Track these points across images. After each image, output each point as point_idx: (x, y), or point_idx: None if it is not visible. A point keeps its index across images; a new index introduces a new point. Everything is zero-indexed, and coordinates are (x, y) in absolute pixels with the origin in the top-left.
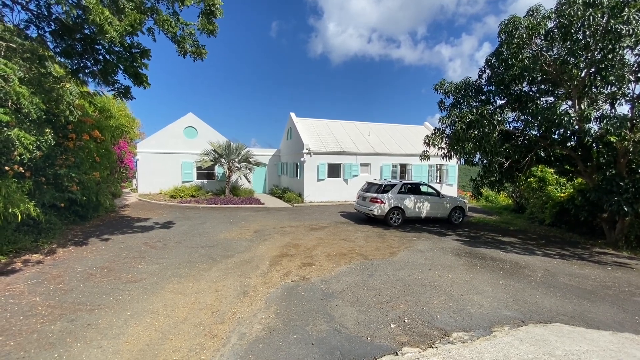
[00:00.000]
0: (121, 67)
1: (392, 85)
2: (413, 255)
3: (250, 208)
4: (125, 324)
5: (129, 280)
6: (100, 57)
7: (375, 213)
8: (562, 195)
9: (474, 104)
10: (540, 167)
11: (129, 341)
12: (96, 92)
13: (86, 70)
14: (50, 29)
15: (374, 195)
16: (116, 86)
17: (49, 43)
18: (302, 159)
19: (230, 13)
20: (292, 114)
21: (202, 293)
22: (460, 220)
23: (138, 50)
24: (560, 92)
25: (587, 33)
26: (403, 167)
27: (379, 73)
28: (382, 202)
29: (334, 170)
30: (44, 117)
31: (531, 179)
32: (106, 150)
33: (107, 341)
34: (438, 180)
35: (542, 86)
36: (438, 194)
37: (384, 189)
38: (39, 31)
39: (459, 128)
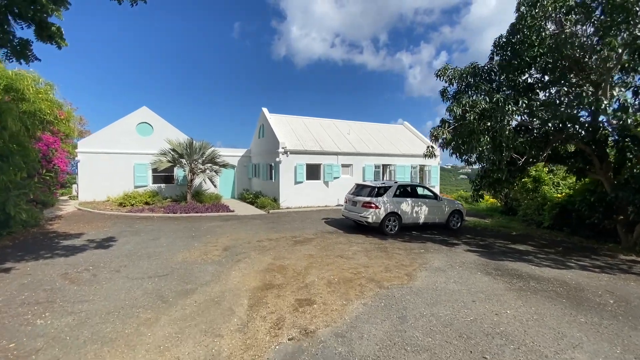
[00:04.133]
0: (15, 10)
1: (356, 90)
2: (437, 278)
3: (218, 217)
4: None
5: (5, 357)
6: None
7: (370, 220)
8: (559, 196)
9: (484, 89)
10: (536, 166)
11: None
12: None
13: None
14: None
15: (368, 199)
16: (7, 38)
17: None
18: (277, 159)
19: (190, 11)
20: (265, 110)
21: None
22: (459, 225)
23: None
24: (575, 80)
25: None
26: (385, 167)
27: (343, 77)
28: (377, 207)
29: (312, 172)
30: None
31: (526, 179)
32: (19, 145)
33: None
34: (420, 182)
35: (556, 73)
36: (436, 196)
37: (378, 192)
38: None
39: (471, 118)
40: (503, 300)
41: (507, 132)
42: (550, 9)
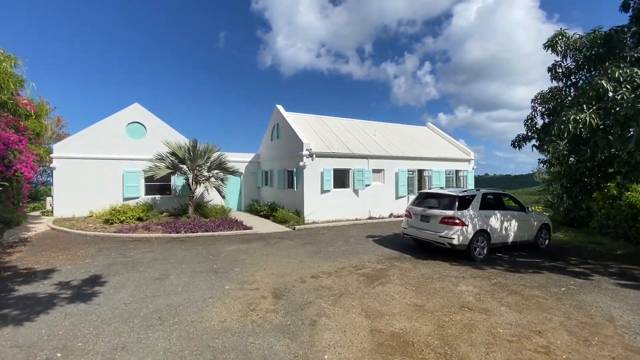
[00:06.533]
0: None
1: (342, 99)
2: None
3: (234, 236)
4: None
5: None
6: None
7: (455, 242)
8: None
9: (635, 57)
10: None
11: None
12: None
13: None
14: None
15: (450, 213)
16: None
17: None
18: (301, 164)
19: (177, 19)
20: (280, 107)
21: None
22: (547, 243)
23: None
24: None
25: None
26: (420, 173)
27: (329, 87)
28: (463, 223)
29: (340, 179)
30: None
31: (610, 184)
32: None
33: None
34: None
35: None
36: (523, 207)
37: (461, 203)
38: None
39: (628, 97)
40: None
41: None
42: None
